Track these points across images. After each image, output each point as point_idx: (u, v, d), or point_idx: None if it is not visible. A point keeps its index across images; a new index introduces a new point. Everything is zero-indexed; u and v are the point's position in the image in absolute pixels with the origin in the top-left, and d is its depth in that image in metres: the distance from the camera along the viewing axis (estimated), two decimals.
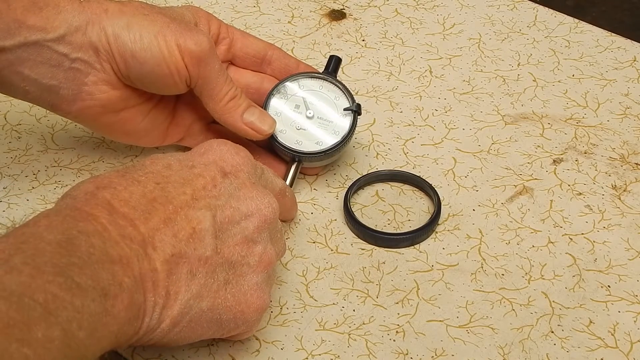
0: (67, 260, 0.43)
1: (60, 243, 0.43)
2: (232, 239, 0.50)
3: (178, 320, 0.48)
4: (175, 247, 0.47)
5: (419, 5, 0.85)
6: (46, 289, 0.41)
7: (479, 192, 0.67)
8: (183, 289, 0.48)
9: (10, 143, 0.70)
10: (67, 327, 0.41)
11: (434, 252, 0.62)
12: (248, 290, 0.51)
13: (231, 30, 0.66)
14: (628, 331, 0.57)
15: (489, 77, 0.77)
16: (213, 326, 0.50)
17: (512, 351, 0.56)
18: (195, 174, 0.50)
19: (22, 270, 0.41)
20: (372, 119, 0.73)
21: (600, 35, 0.82)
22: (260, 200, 0.51)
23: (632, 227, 0.64)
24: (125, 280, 0.45)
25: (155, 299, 0.47)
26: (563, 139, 0.71)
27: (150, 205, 0.48)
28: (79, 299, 0.42)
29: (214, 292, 0.49)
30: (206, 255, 0.48)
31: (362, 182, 0.67)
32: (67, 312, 0.41)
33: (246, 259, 0.51)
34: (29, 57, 0.57)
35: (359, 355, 0.56)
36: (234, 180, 0.51)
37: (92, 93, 0.60)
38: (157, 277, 0.46)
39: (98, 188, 0.48)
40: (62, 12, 0.57)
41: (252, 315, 0.51)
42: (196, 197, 0.49)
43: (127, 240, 0.46)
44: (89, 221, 0.45)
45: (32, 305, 0.40)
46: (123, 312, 0.44)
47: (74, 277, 0.42)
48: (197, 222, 0.48)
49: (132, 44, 0.58)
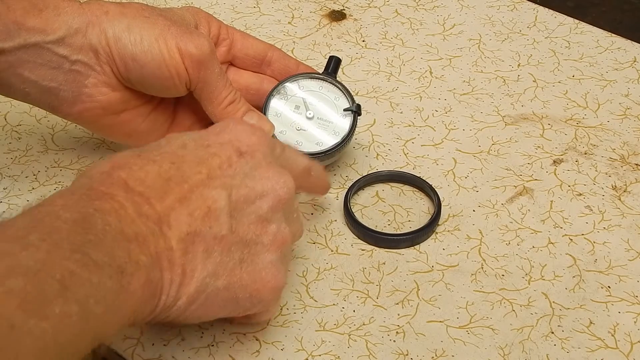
0: (84, 238, 0.43)
1: (77, 221, 0.44)
2: (247, 218, 0.50)
3: (194, 298, 0.48)
4: (191, 226, 0.47)
5: (419, 6, 0.85)
6: (63, 266, 0.41)
7: (479, 193, 0.67)
8: (199, 267, 0.48)
9: (11, 144, 0.70)
10: (85, 303, 0.41)
11: (434, 253, 0.62)
12: (263, 268, 0.51)
13: (231, 32, 0.66)
14: (628, 332, 0.57)
15: (489, 78, 0.77)
16: (229, 304, 0.51)
17: (512, 352, 0.56)
18: (211, 153, 0.50)
19: (39, 247, 0.41)
20: (372, 120, 0.73)
21: (601, 36, 0.82)
22: (276, 180, 0.51)
23: (632, 228, 0.64)
24: (141, 258, 0.45)
25: (172, 276, 0.47)
26: (563, 139, 0.71)
27: (166, 184, 0.48)
28: (95, 276, 0.42)
29: (229, 270, 0.49)
30: (222, 234, 0.49)
31: (362, 182, 0.67)
32: (84, 288, 0.41)
33: (260, 238, 0.51)
34: (29, 59, 0.57)
35: (359, 355, 0.56)
36: (249, 160, 0.51)
37: (92, 95, 0.60)
38: (173, 256, 0.47)
39: (113, 168, 0.48)
40: (62, 14, 0.57)
41: (267, 294, 0.51)
42: (212, 176, 0.49)
43: (143, 218, 0.46)
44: (105, 200, 0.46)
45: (49, 281, 0.40)
46: (140, 290, 0.45)
47: (90, 254, 0.42)
48: (212, 201, 0.48)
49: (133, 47, 0.58)
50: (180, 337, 0.56)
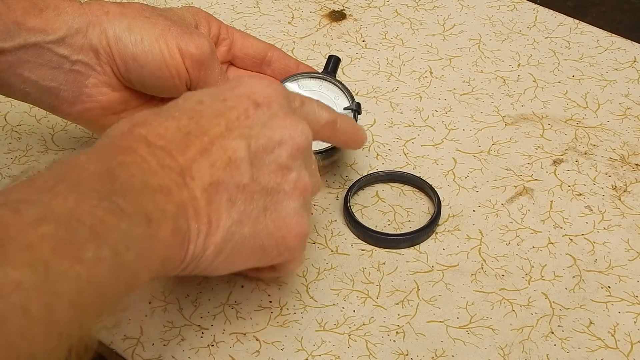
0: (110, 188, 0.44)
1: (102, 173, 0.44)
2: (267, 167, 0.51)
3: (222, 247, 0.49)
4: (213, 176, 0.48)
5: (419, 6, 0.85)
6: (92, 213, 0.42)
7: (479, 193, 0.67)
8: (224, 216, 0.48)
9: (11, 144, 0.70)
10: (116, 248, 0.42)
11: (434, 253, 0.62)
12: (286, 216, 0.51)
13: (231, 31, 0.66)
14: (628, 332, 0.57)
15: (489, 78, 0.77)
16: (256, 253, 0.51)
17: (513, 352, 0.56)
18: (228, 106, 0.51)
19: (67, 196, 0.42)
20: (372, 120, 0.73)
21: (601, 36, 0.82)
22: (294, 129, 0.52)
23: (632, 228, 0.64)
24: (167, 207, 0.45)
25: (198, 226, 0.47)
26: (563, 139, 0.71)
27: (186, 138, 0.48)
28: (124, 223, 0.43)
29: (254, 218, 0.50)
30: (244, 182, 0.49)
31: (362, 182, 0.67)
32: (114, 234, 0.42)
33: (282, 186, 0.51)
34: (29, 59, 0.57)
35: (359, 355, 0.56)
36: (266, 111, 0.51)
37: (93, 95, 0.60)
38: (197, 205, 0.47)
39: (134, 125, 0.48)
40: (62, 14, 0.58)
41: (293, 240, 0.52)
42: (230, 127, 0.50)
43: (166, 170, 0.47)
44: (128, 154, 0.46)
45: (80, 227, 0.41)
46: (168, 238, 0.45)
47: (118, 203, 0.43)
48: (232, 151, 0.49)
49: (133, 47, 0.58)
50: (180, 337, 0.56)
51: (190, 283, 0.60)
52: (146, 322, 0.57)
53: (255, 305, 0.59)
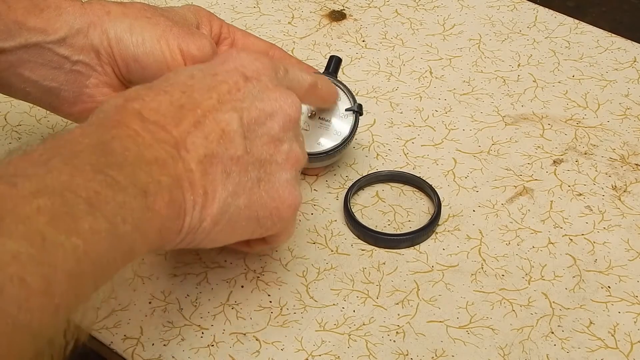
0: (105, 161, 0.44)
1: (96, 146, 0.45)
2: (260, 139, 0.51)
3: (218, 218, 0.49)
4: (208, 148, 0.49)
5: (419, 6, 0.85)
6: (87, 186, 0.42)
7: (479, 193, 0.67)
8: (220, 187, 0.49)
9: (11, 144, 0.70)
10: (112, 220, 0.42)
11: (434, 253, 0.62)
12: (279, 187, 0.52)
13: (232, 30, 0.66)
14: (628, 332, 0.57)
15: (489, 78, 0.77)
16: (252, 223, 0.52)
17: (513, 352, 0.56)
18: (219, 80, 0.51)
19: (62, 170, 0.42)
20: (373, 120, 0.73)
21: (601, 36, 0.82)
22: (284, 101, 0.53)
23: (632, 228, 0.64)
24: (163, 179, 0.46)
25: (194, 198, 0.48)
26: (563, 139, 0.71)
27: (179, 111, 0.49)
28: (120, 195, 0.43)
29: (248, 189, 0.51)
30: (237, 154, 0.50)
31: (363, 182, 0.67)
32: (110, 206, 0.42)
33: (274, 157, 0.52)
34: (30, 58, 0.57)
35: (359, 356, 0.56)
36: (256, 84, 0.52)
37: (93, 95, 0.60)
38: (193, 177, 0.48)
39: (127, 100, 0.49)
40: (63, 14, 0.57)
41: (286, 211, 0.53)
42: (222, 100, 0.50)
43: (161, 143, 0.47)
44: (121, 128, 0.47)
45: (75, 200, 0.41)
46: (164, 209, 0.46)
47: (113, 175, 0.43)
48: (225, 124, 0.50)
49: (135, 48, 0.58)
50: (180, 337, 0.56)
51: (190, 283, 0.60)
52: (146, 322, 0.57)
53: (255, 305, 0.59)
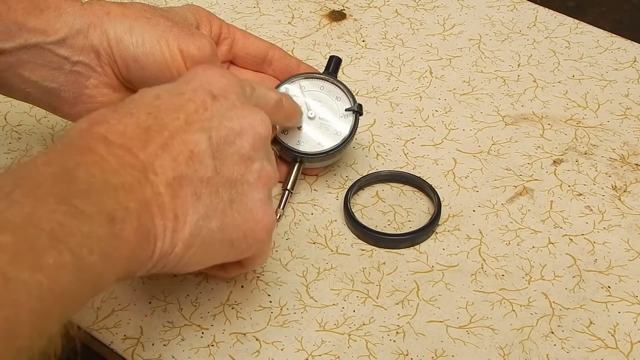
0: (69, 190, 0.43)
1: (59, 175, 0.43)
2: (230, 159, 0.50)
3: (190, 242, 0.48)
4: (176, 170, 0.47)
5: (419, 6, 0.85)
6: (51, 218, 0.41)
7: (479, 193, 0.67)
8: (190, 210, 0.48)
9: (11, 144, 0.70)
10: (78, 252, 0.41)
11: (434, 253, 0.62)
12: (253, 207, 0.51)
13: (232, 30, 0.66)
14: (628, 332, 0.57)
15: (489, 78, 0.77)
16: (225, 246, 0.51)
17: (513, 352, 0.56)
18: (185, 99, 0.50)
19: (23, 204, 0.41)
20: (373, 120, 0.73)
21: (601, 36, 0.82)
22: (253, 118, 0.52)
23: (632, 228, 0.64)
24: (130, 205, 0.45)
25: (164, 222, 0.47)
26: (563, 139, 0.71)
27: (146, 133, 0.48)
28: (85, 225, 0.42)
29: (220, 211, 0.49)
30: (207, 175, 0.49)
31: (363, 182, 0.67)
32: (75, 238, 0.41)
33: (245, 177, 0.51)
34: (30, 59, 0.57)
35: (359, 355, 0.56)
36: (224, 102, 0.51)
37: (93, 96, 0.60)
38: (162, 201, 0.47)
39: (92, 124, 0.48)
40: (63, 15, 0.57)
41: (260, 233, 0.52)
42: (189, 121, 0.49)
43: (127, 167, 0.46)
44: (86, 154, 0.46)
45: (38, 234, 0.40)
46: (133, 236, 0.44)
47: (77, 205, 0.42)
48: (194, 145, 0.49)
49: (135, 48, 0.58)
50: (180, 337, 0.56)
51: (191, 283, 0.60)
52: (146, 322, 0.57)
53: (255, 305, 0.59)
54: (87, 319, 0.57)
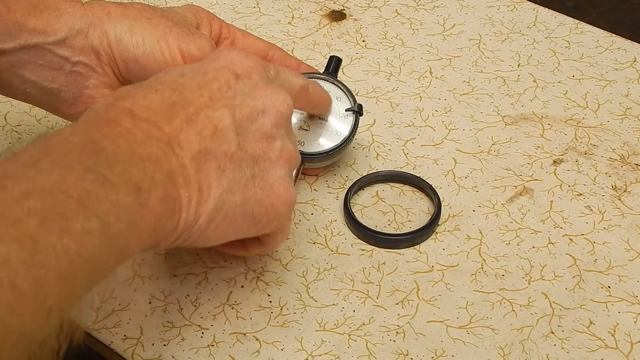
0: (96, 160, 0.43)
1: (87, 145, 0.44)
2: (252, 136, 0.51)
3: (214, 215, 0.49)
4: (201, 144, 0.48)
5: (419, 6, 0.85)
6: (78, 186, 0.41)
7: (479, 193, 0.67)
8: (214, 183, 0.49)
9: (11, 144, 0.70)
10: (105, 219, 0.42)
11: (434, 253, 0.62)
12: (274, 183, 0.52)
13: (232, 30, 0.66)
14: (628, 332, 0.57)
15: (489, 78, 0.77)
16: (247, 221, 0.51)
17: (513, 352, 0.56)
18: (210, 78, 0.51)
19: (51, 171, 0.41)
20: (373, 120, 0.73)
21: (601, 36, 0.82)
22: (275, 97, 0.53)
23: (632, 228, 0.64)
24: (156, 175, 0.45)
25: (189, 194, 0.47)
26: (563, 139, 0.71)
27: (171, 108, 0.49)
28: (112, 194, 0.43)
29: (243, 186, 0.50)
30: (231, 150, 0.50)
31: (362, 182, 0.67)
32: (102, 205, 0.42)
33: (267, 154, 0.52)
34: (30, 59, 0.57)
35: (359, 355, 0.56)
36: (247, 82, 0.52)
37: (94, 96, 0.60)
38: (187, 173, 0.47)
39: (117, 99, 0.48)
40: (63, 15, 0.57)
41: (282, 208, 0.52)
42: (213, 98, 0.50)
43: (153, 139, 0.47)
44: (112, 126, 0.46)
45: (66, 200, 0.41)
46: (159, 205, 0.45)
47: (105, 174, 0.43)
48: (218, 121, 0.49)
49: (135, 49, 0.58)
50: (180, 337, 0.56)
51: (191, 283, 0.60)
52: (146, 322, 0.57)
53: (255, 305, 0.59)
54: (87, 319, 0.57)
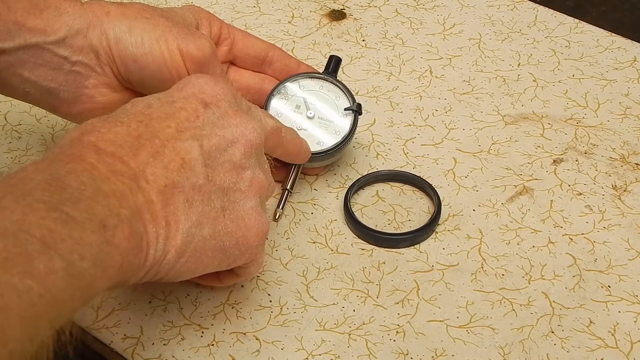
0: (59, 197, 0.42)
1: (50, 182, 0.43)
2: (222, 167, 0.50)
3: (183, 250, 0.48)
4: (168, 178, 0.47)
5: (419, 6, 0.85)
6: (41, 224, 0.41)
7: (479, 192, 0.67)
8: (182, 217, 0.48)
9: (11, 143, 0.70)
10: (69, 258, 0.41)
11: (434, 252, 0.62)
12: (245, 215, 0.51)
13: (232, 31, 0.66)
14: (628, 331, 0.57)
15: (489, 77, 0.77)
16: (218, 254, 0.51)
17: (512, 351, 0.56)
18: (177, 107, 0.50)
19: (14, 210, 0.41)
20: (373, 119, 0.73)
21: (601, 36, 0.82)
22: (245, 126, 0.52)
23: (632, 228, 0.64)
24: (122, 212, 0.45)
25: (156, 229, 0.47)
26: (563, 139, 0.71)
27: (137, 141, 0.48)
28: (76, 232, 0.42)
29: (212, 219, 0.49)
30: (199, 183, 0.49)
31: (363, 182, 0.67)
32: (66, 244, 0.41)
33: (237, 185, 0.51)
34: (29, 59, 0.57)
35: (359, 355, 0.56)
36: (215, 110, 0.51)
37: (93, 96, 0.60)
38: (154, 208, 0.47)
39: (82, 134, 0.48)
40: (62, 15, 0.57)
41: (253, 239, 0.52)
42: (181, 129, 0.49)
43: (118, 175, 0.46)
44: (77, 162, 0.45)
45: (29, 239, 0.40)
46: (125, 242, 0.44)
47: (68, 212, 0.42)
48: (185, 153, 0.49)
49: (134, 48, 0.58)
50: (180, 337, 0.56)
51: (191, 283, 0.60)
52: (146, 322, 0.57)
53: (255, 304, 0.59)
54: (87, 318, 0.57)
